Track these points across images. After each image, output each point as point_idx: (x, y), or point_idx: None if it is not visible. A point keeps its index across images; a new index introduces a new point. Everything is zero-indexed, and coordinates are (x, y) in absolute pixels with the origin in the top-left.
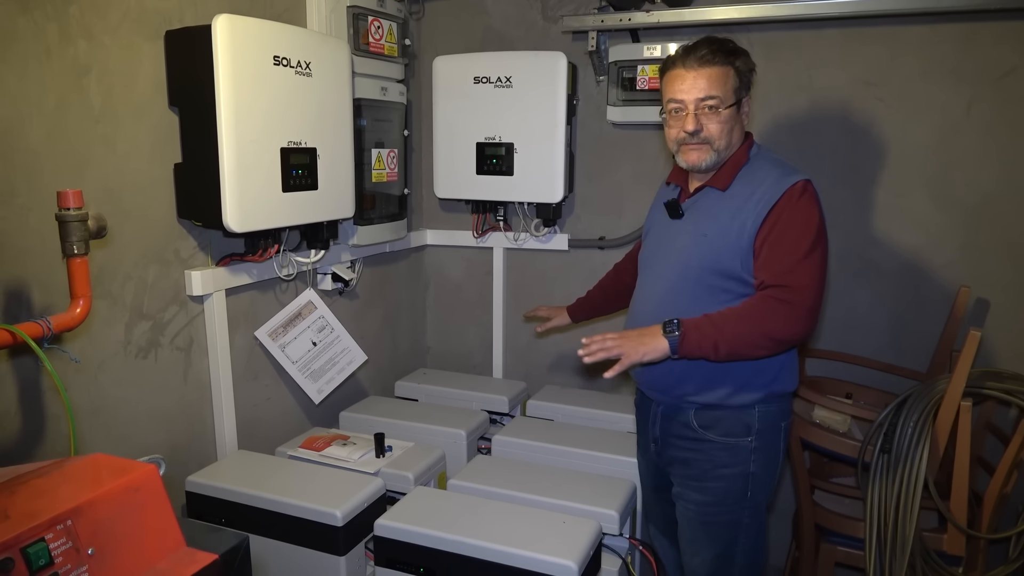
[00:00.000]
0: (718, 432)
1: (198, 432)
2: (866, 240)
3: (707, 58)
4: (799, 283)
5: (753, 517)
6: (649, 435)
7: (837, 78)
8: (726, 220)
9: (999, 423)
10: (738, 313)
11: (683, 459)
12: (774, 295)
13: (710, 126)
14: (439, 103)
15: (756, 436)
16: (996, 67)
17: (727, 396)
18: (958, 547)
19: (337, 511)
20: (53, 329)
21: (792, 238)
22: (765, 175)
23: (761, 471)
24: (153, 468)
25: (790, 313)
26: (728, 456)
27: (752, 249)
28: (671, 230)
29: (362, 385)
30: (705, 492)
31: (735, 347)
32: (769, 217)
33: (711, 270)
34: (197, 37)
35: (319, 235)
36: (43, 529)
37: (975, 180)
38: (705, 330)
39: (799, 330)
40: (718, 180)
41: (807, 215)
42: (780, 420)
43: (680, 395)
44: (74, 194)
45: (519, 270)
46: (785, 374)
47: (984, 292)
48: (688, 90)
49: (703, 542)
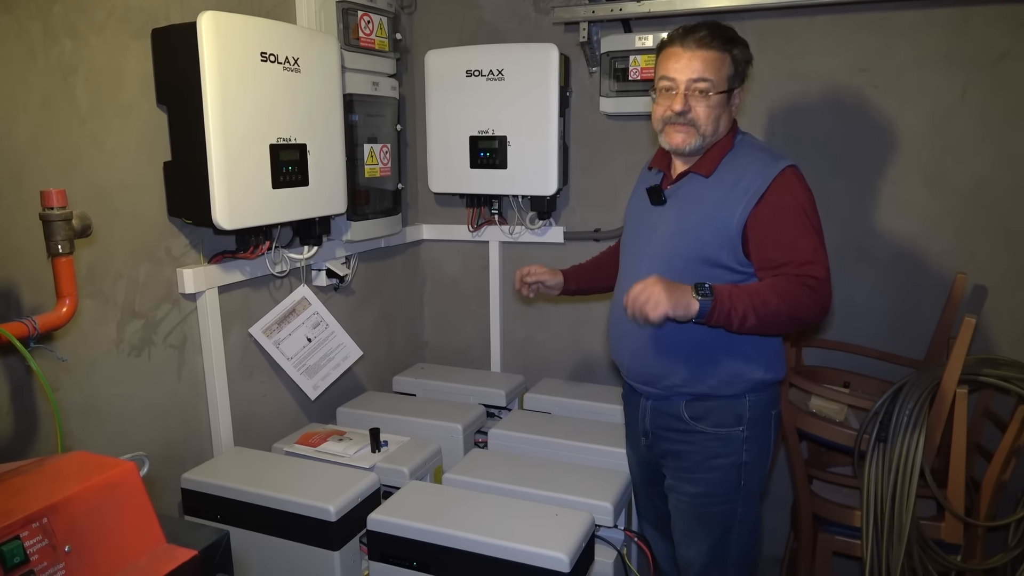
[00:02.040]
0: (710, 423)
1: (193, 429)
2: (862, 228)
3: (705, 40)
4: (820, 272)
5: (747, 506)
6: (639, 429)
7: (830, 65)
8: (712, 208)
9: (997, 410)
10: (773, 290)
11: (675, 451)
12: (801, 281)
13: (698, 108)
14: (432, 97)
15: (748, 425)
16: (990, 51)
17: (717, 386)
18: (956, 535)
19: (330, 506)
20: (39, 328)
21: (799, 225)
22: (751, 161)
23: (753, 460)
24: (132, 465)
25: (816, 299)
26: (721, 446)
27: (741, 236)
28: (653, 217)
29: (359, 380)
30: (698, 484)
31: (764, 322)
32: (763, 203)
33: (697, 259)
34: (183, 35)
35: (311, 231)
36: (17, 527)
37: (970, 166)
38: (737, 299)
39: (822, 316)
40: (702, 166)
41: (807, 199)
42: (771, 408)
43: (669, 386)
44: (57, 193)
45: (515, 263)
46: (776, 362)
47: (981, 278)
48: (682, 69)
49: (697, 533)
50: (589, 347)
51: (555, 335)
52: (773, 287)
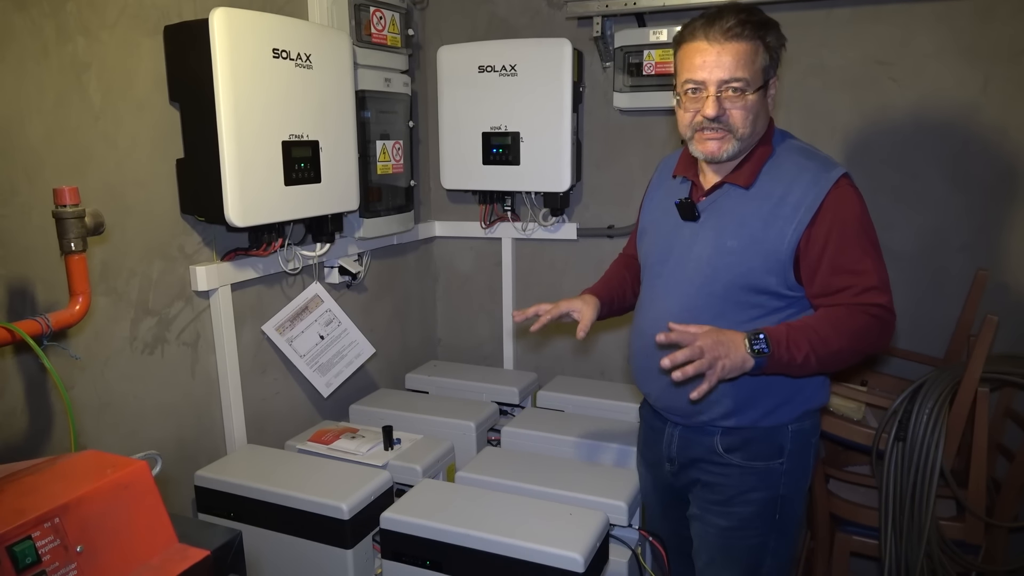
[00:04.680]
0: (746, 456)
1: (207, 427)
2: (880, 223)
3: (734, 31)
4: (884, 298)
5: (780, 539)
6: (663, 455)
7: (849, 58)
8: (757, 227)
9: (1019, 408)
10: (833, 327)
11: (706, 483)
12: (864, 310)
13: (734, 112)
14: (444, 93)
15: (788, 458)
16: (1013, 43)
17: (760, 418)
18: (977, 536)
19: (343, 504)
20: (52, 327)
21: (859, 246)
22: (799, 170)
23: (792, 493)
24: (144, 465)
25: (883, 330)
26: (757, 480)
27: (793, 259)
28: (683, 234)
29: (372, 378)
30: (731, 518)
31: (825, 364)
32: (817, 222)
33: (740, 286)
34: (195, 31)
35: (324, 228)
36: (30, 527)
37: (992, 160)
38: (795, 347)
39: (887, 345)
40: (740, 176)
41: (864, 213)
42: (812, 436)
43: (704, 421)
44: (70, 191)
45: (528, 260)
46: (823, 388)
47: (1003, 275)
48: (711, 68)
49: (724, 564)
50: (603, 345)
51: (568, 332)
52: (834, 324)
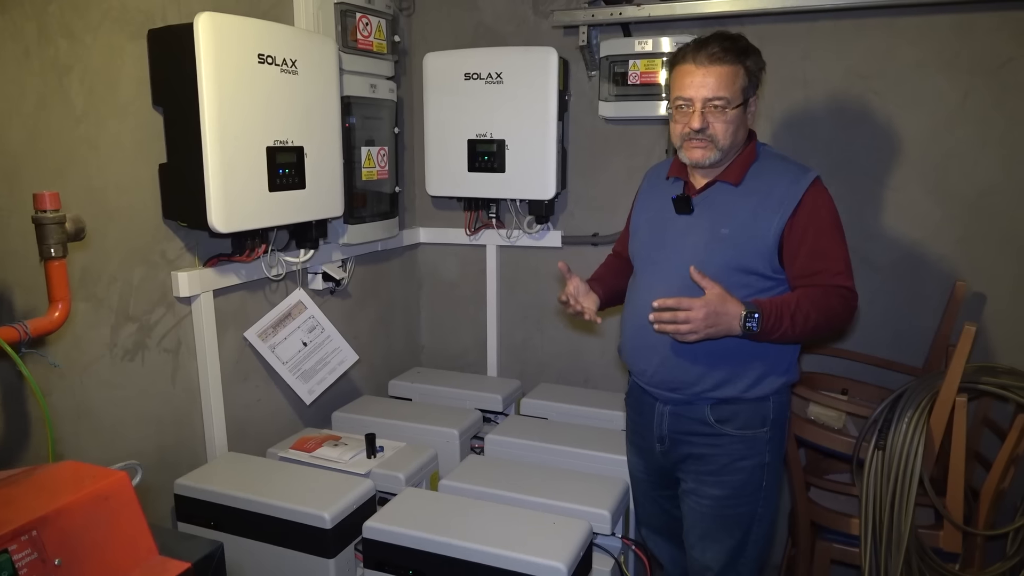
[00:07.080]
0: (735, 425)
1: (187, 434)
2: (861, 234)
3: (718, 56)
4: (850, 281)
5: (767, 506)
6: (653, 435)
7: (831, 70)
8: (747, 218)
9: (996, 418)
10: (813, 304)
11: (698, 455)
12: (836, 291)
13: (716, 125)
14: (430, 100)
15: (771, 426)
16: (993, 57)
17: (746, 389)
18: (955, 544)
19: (325, 513)
20: (31, 333)
21: (831, 236)
22: (781, 172)
23: (774, 460)
24: (124, 476)
25: (848, 308)
26: (746, 448)
27: (778, 246)
28: (678, 225)
29: (356, 385)
30: (724, 486)
31: (800, 336)
32: (798, 214)
33: (733, 268)
34: (180, 36)
35: (308, 234)
36: (7, 540)
37: (972, 172)
38: (781, 320)
39: (851, 321)
40: (730, 175)
41: (834, 209)
42: (787, 409)
43: (696, 392)
44: (50, 196)
45: (513, 267)
46: (795, 365)
47: (981, 286)
48: (696, 87)
49: (718, 535)
50: (586, 352)
51: (552, 339)
52: (813, 301)
